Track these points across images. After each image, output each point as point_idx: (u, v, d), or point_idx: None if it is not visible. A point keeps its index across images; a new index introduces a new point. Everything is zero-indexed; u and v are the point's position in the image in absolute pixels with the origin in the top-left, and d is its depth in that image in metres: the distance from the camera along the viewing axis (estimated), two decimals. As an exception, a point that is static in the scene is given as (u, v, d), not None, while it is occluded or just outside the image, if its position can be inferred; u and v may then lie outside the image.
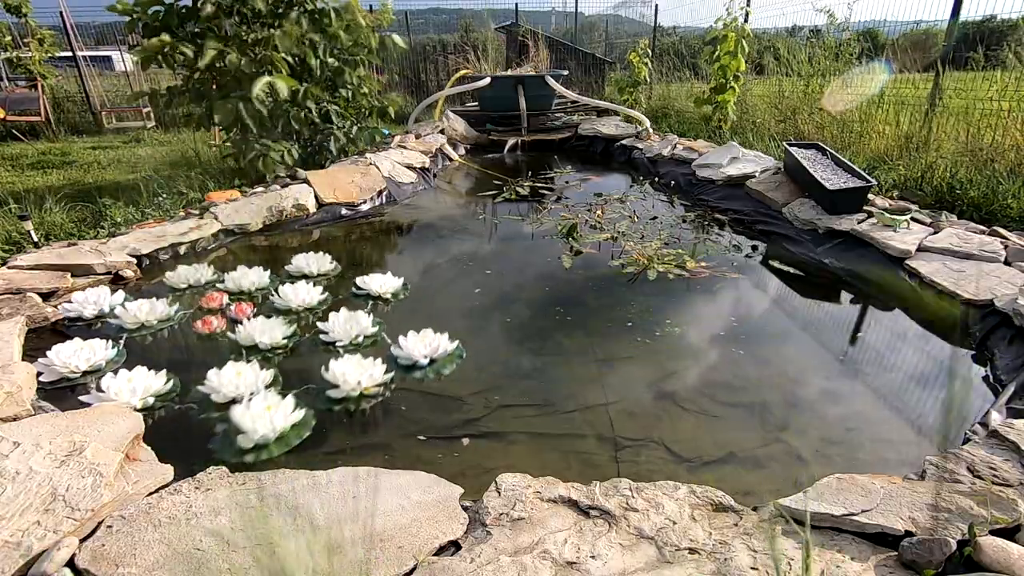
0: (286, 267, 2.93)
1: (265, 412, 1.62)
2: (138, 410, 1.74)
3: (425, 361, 2.02)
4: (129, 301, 2.40)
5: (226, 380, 1.79)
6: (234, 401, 1.74)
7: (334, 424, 1.75)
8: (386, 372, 1.90)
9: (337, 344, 2.16)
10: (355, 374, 1.84)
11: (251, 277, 2.68)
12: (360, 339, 2.20)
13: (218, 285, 2.70)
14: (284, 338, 2.17)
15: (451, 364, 2.06)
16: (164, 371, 1.89)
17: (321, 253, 2.95)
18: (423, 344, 2.04)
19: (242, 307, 2.39)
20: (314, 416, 1.74)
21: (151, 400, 1.81)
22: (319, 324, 2.24)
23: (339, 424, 1.76)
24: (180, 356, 2.16)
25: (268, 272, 2.77)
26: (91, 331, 2.30)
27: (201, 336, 2.25)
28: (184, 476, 1.37)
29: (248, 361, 1.93)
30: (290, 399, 1.71)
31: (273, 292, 2.56)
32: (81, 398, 1.79)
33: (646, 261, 3.03)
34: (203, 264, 2.81)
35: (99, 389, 1.79)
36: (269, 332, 2.13)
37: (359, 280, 2.68)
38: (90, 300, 2.39)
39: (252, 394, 1.75)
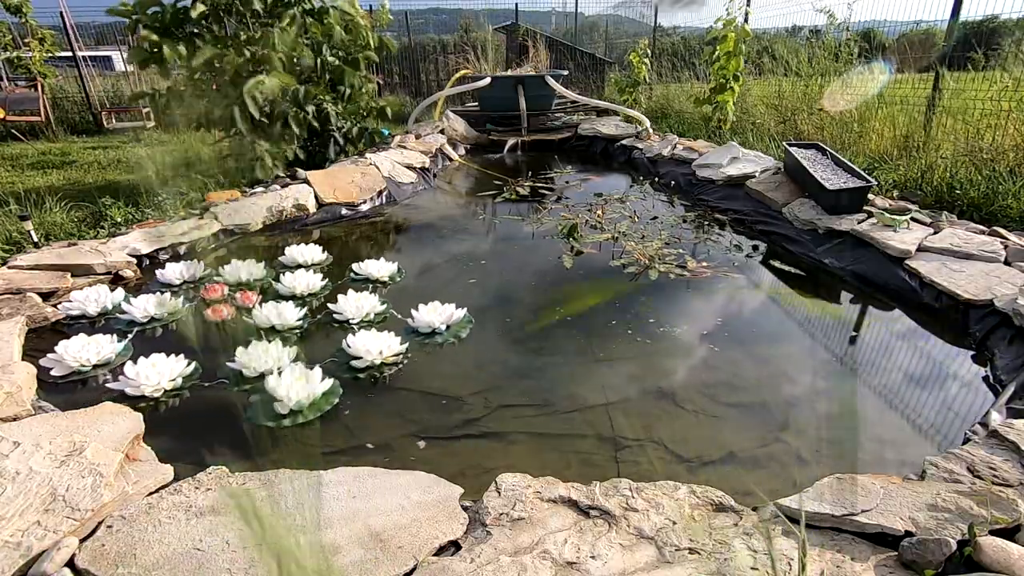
0: (279, 258, 3.04)
1: (297, 381, 1.76)
2: (167, 391, 1.86)
3: (443, 327, 2.26)
4: (133, 298, 2.43)
5: (255, 356, 1.93)
6: (263, 376, 1.87)
7: (348, 405, 1.77)
8: (401, 343, 2.09)
9: (351, 322, 2.33)
10: (376, 345, 2.02)
11: (247, 269, 2.77)
12: (371, 316, 2.37)
13: (214, 279, 2.75)
14: (297, 319, 2.30)
15: (465, 329, 2.29)
16: (182, 356, 1.97)
17: (312, 244, 3.09)
18: (437, 313, 2.26)
19: (248, 295, 2.49)
20: (340, 385, 1.90)
21: (179, 381, 1.90)
22: (330, 305, 2.40)
23: (353, 405, 1.80)
24: (197, 343, 2.22)
25: (263, 264, 2.86)
26: (94, 328, 2.31)
27: (214, 324, 2.33)
28: (188, 467, 1.38)
29: (269, 341, 2.04)
30: (318, 370, 1.84)
31: (274, 281, 2.68)
32: (109, 385, 1.86)
33: (647, 261, 3.03)
34: (194, 260, 2.87)
35: (124, 376, 1.85)
36: (284, 314, 2.27)
37: (355, 266, 2.84)
38: (91, 298, 2.41)
39: (279, 368, 1.88)
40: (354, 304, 2.36)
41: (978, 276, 2.41)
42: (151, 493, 1.32)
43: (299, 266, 2.94)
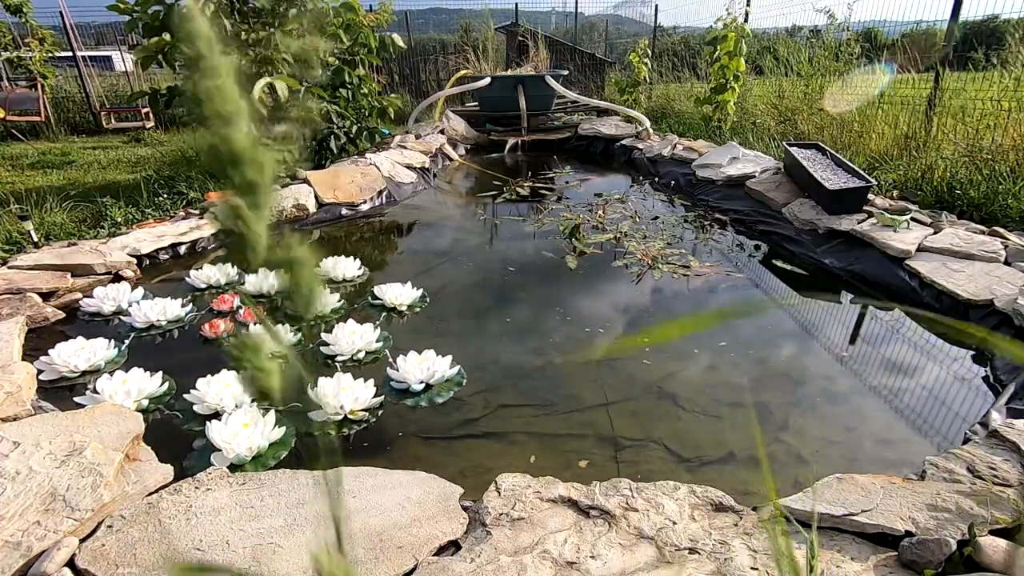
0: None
1: (242, 429, 1.55)
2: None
3: (419, 387, 1.87)
4: (147, 299, 2.42)
5: (212, 391, 1.72)
6: (217, 414, 1.68)
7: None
8: (376, 395, 1.78)
9: (338, 358, 2.06)
10: (338, 397, 1.71)
11: (272, 280, 2.59)
12: (362, 354, 2.08)
13: (239, 287, 2.70)
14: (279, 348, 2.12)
15: (448, 391, 1.89)
16: (160, 373, 1.88)
17: (353, 258, 2.87)
18: (420, 368, 1.88)
19: (251, 312, 2.34)
20: (294, 434, 1.66)
21: (145, 403, 1.79)
22: (323, 335, 2.14)
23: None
24: (183, 358, 2.15)
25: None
26: (107, 327, 2.33)
27: (207, 340, 2.23)
28: (181, 477, 1.37)
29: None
30: (271, 416, 1.62)
31: None
32: (77, 399, 1.78)
33: (650, 261, 3.04)
34: (225, 265, 2.79)
35: (94, 391, 1.79)
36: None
37: (376, 289, 2.58)
38: (110, 296, 2.42)
39: (237, 406, 1.69)
40: (346, 337, 2.06)
41: (978, 276, 2.41)
42: (151, 493, 1.32)
43: (330, 281, 2.76)
